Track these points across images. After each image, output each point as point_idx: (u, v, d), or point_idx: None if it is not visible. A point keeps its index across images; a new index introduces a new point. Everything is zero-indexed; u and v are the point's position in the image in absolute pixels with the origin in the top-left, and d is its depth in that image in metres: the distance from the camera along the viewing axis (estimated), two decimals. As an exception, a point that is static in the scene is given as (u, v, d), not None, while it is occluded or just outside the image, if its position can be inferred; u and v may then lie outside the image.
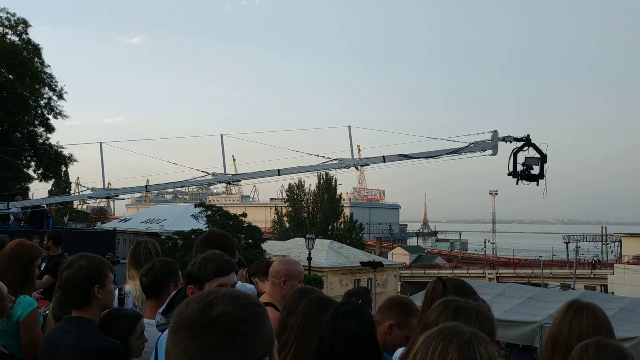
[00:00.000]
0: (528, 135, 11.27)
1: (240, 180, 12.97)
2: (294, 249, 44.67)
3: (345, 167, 11.72)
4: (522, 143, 11.18)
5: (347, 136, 11.69)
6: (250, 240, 36.63)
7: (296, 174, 12.47)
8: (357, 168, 11.85)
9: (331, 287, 39.43)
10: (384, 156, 11.47)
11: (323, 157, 11.66)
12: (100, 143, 11.81)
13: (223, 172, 11.90)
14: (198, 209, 40.07)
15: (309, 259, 31.38)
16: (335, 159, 11.60)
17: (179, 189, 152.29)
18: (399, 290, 46.81)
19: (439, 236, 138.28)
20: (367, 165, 12.01)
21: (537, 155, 11.06)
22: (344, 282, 41.59)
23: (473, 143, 11.23)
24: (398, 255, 73.22)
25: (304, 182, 66.85)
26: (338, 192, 68.51)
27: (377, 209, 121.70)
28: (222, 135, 11.69)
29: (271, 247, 43.72)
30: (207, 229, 35.56)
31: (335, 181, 66.02)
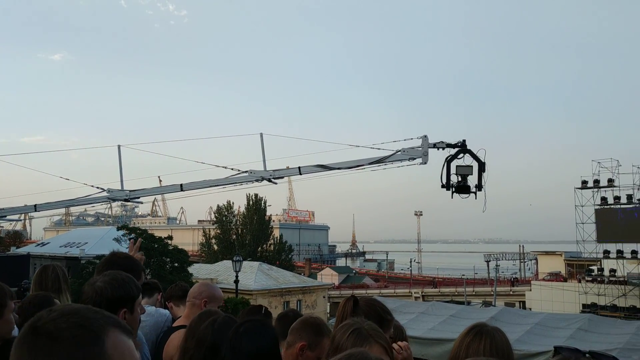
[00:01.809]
0: (464, 141, 9.79)
1: (139, 197, 11.52)
2: (222, 271, 43.89)
3: (257, 181, 10.62)
4: (456, 150, 9.82)
5: (265, 145, 10.64)
6: (176, 264, 35.69)
7: (202, 188, 11.13)
8: (270, 181, 10.66)
9: (260, 309, 38.96)
10: (299, 167, 10.42)
11: (232, 169, 10.59)
12: None
13: (120, 188, 10.81)
14: (121, 232, 38.89)
15: (236, 281, 30.94)
16: (246, 171, 10.56)
17: (101, 210, 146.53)
18: (328, 311, 46.91)
19: (367, 256, 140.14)
20: (282, 177, 10.80)
21: (473, 163, 9.74)
22: (274, 305, 41.21)
23: (400, 150, 10.02)
24: (327, 276, 73.55)
25: (233, 203, 66.18)
26: (267, 213, 68.21)
27: (307, 230, 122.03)
28: (119, 147, 11.00)
29: (198, 271, 42.78)
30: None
31: (265, 202, 65.81)
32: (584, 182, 42.59)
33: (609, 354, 2.16)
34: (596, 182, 41.91)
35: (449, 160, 9.81)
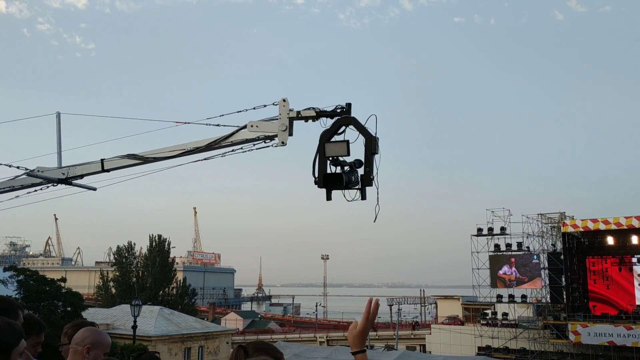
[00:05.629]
0: (347, 106, 6.00)
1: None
2: (120, 316, 41.59)
3: (52, 184, 7.41)
4: (334, 120, 6.02)
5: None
6: (69, 308, 33.44)
7: None
8: (69, 183, 7.45)
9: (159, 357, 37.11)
10: (102, 160, 7.28)
11: (18, 167, 7.27)
12: None
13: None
14: (8, 274, 35.89)
15: (134, 327, 29.41)
16: (32, 170, 7.35)
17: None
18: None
19: (273, 300, 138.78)
20: (81, 177, 7.46)
21: (354, 139, 5.90)
22: (174, 351, 39.45)
23: (246, 126, 6.47)
24: (231, 321, 71.75)
25: (135, 244, 63.46)
26: (171, 255, 66.01)
27: (212, 273, 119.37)
28: None
29: (94, 315, 40.34)
30: (19, 296, 31.66)
31: (169, 244, 63.77)
32: (479, 230, 45.11)
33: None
34: (490, 229, 44.53)
35: (323, 138, 5.94)
